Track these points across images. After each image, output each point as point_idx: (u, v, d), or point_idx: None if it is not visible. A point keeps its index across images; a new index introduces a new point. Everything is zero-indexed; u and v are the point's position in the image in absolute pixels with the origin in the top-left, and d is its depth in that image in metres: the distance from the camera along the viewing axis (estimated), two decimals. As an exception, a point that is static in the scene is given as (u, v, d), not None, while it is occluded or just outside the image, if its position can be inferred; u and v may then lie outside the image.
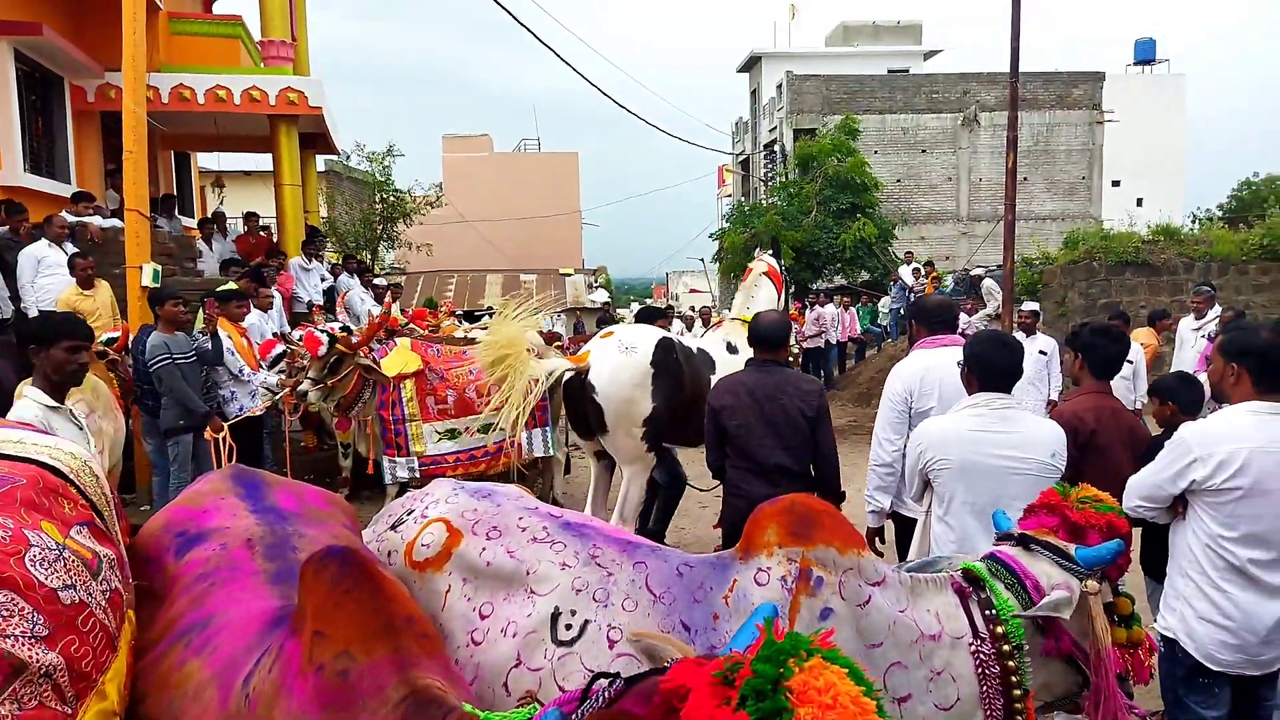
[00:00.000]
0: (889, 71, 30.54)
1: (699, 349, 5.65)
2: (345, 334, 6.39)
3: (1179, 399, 3.65)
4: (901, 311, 16.76)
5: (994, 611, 2.21)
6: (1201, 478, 2.77)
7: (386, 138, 24.08)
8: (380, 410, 6.46)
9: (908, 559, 2.81)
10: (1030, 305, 8.83)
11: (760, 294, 6.64)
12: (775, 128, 29.84)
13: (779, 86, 29.26)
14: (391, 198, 21.78)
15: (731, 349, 5.84)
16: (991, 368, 3.15)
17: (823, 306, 15.74)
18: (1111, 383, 3.72)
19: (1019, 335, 8.08)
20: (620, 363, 5.11)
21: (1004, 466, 3.04)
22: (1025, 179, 26.56)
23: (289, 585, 1.87)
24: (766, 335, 3.90)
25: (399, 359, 6.59)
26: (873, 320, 17.92)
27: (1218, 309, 8.71)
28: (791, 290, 8.54)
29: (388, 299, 8.05)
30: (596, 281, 33.74)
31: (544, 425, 6.92)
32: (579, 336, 24.35)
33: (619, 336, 5.29)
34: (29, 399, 3.31)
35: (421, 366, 6.60)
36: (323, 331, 6.31)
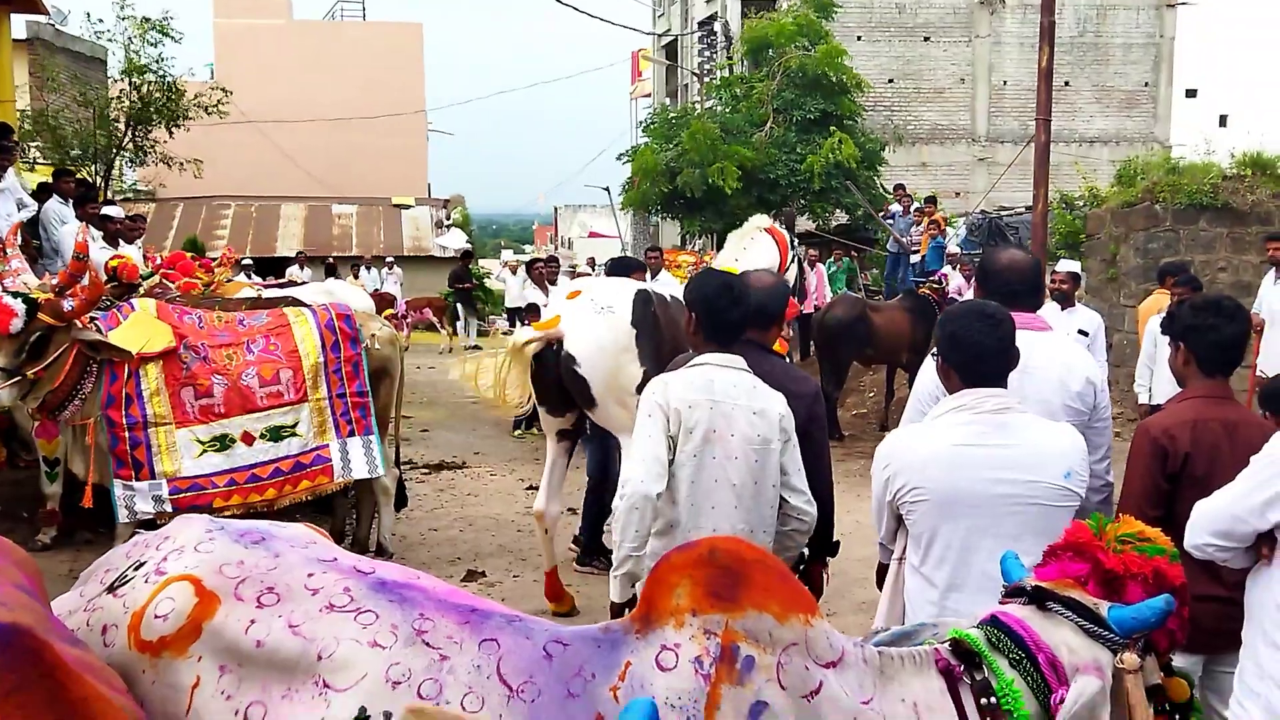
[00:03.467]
0: (879, -78, 31.08)
1: (673, 297, 6.48)
2: (53, 296, 6.13)
3: None
4: (902, 275, 17.11)
5: (993, 700, 2.28)
6: None
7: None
8: (108, 409, 6.27)
9: (873, 626, 2.88)
10: (1068, 265, 9.16)
11: (755, 249, 7.77)
12: (715, -2, 30.05)
13: (721, -63, 29.46)
14: (148, 88, 20.90)
15: None
16: (974, 353, 3.23)
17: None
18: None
19: (1052, 307, 8.37)
20: (600, 326, 6.04)
21: (1000, 494, 3.14)
22: (1066, 84, 27.43)
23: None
24: (756, 305, 3.99)
25: (138, 330, 6.42)
26: (849, 282, 18.30)
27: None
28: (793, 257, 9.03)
29: (81, 237, 7.52)
30: (449, 218, 33.45)
31: (365, 432, 6.85)
32: (421, 300, 24.15)
33: (590, 295, 6.29)
34: None
35: (173, 343, 6.42)
36: (15, 295, 6.02)
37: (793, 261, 9.44)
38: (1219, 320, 3.73)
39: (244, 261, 19.88)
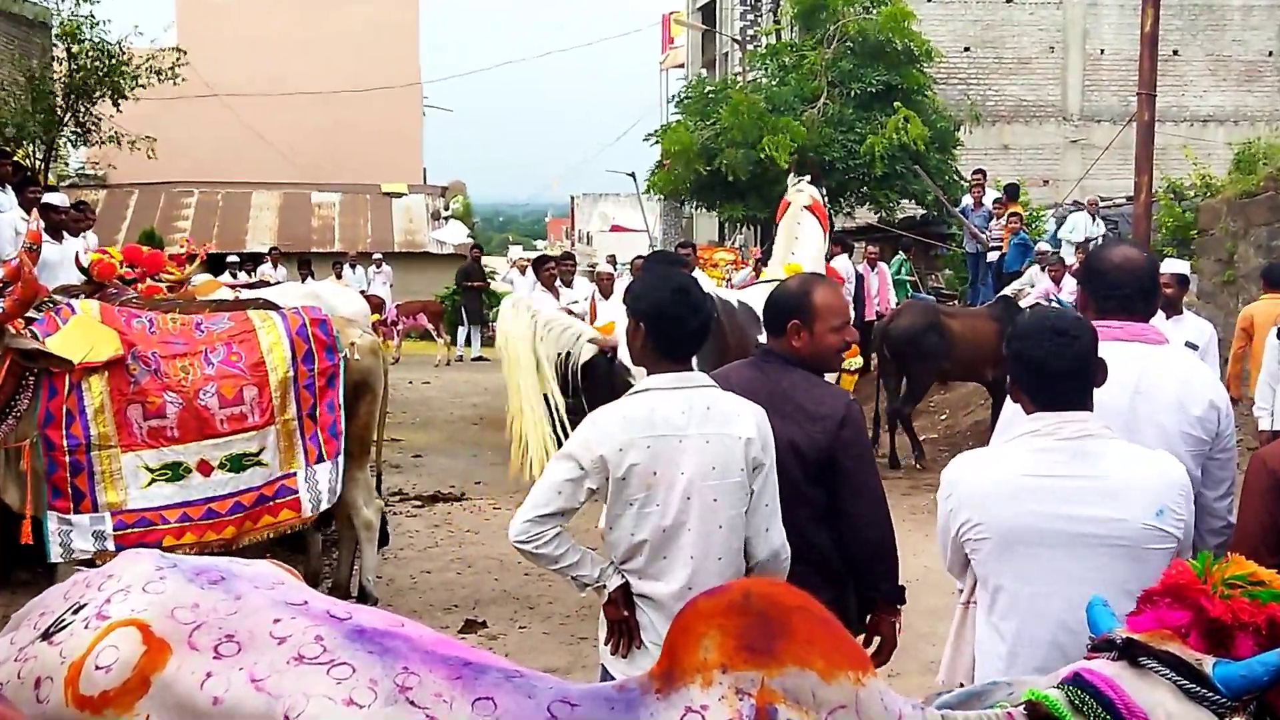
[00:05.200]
0: None
1: (740, 302, 6.93)
2: (-18, 296, 6.19)
3: None
4: (981, 276, 17.02)
5: (1077, 775, 2.27)
6: None
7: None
8: (46, 428, 6.30)
9: (937, 679, 2.86)
10: (1175, 266, 9.07)
11: (806, 235, 8.28)
12: (761, -49, 30.08)
13: (768, -120, 29.52)
14: (94, 55, 21.07)
15: None
16: (1042, 373, 3.22)
17: (833, 260, 15.96)
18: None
19: (1156, 315, 8.30)
20: None
21: (1076, 533, 3.11)
22: (1175, 53, 27.27)
23: None
24: (770, 310, 4.13)
25: (80, 336, 6.42)
26: (917, 285, 18.24)
27: None
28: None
29: (35, 225, 7.48)
30: (447, 209, 33.56)
31: (334, 455, 6.85)
32: (414, 303, 24.20)
33: None
34: None
35: (120, 350, 6.44)
36: None
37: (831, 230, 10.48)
38: None
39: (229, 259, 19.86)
